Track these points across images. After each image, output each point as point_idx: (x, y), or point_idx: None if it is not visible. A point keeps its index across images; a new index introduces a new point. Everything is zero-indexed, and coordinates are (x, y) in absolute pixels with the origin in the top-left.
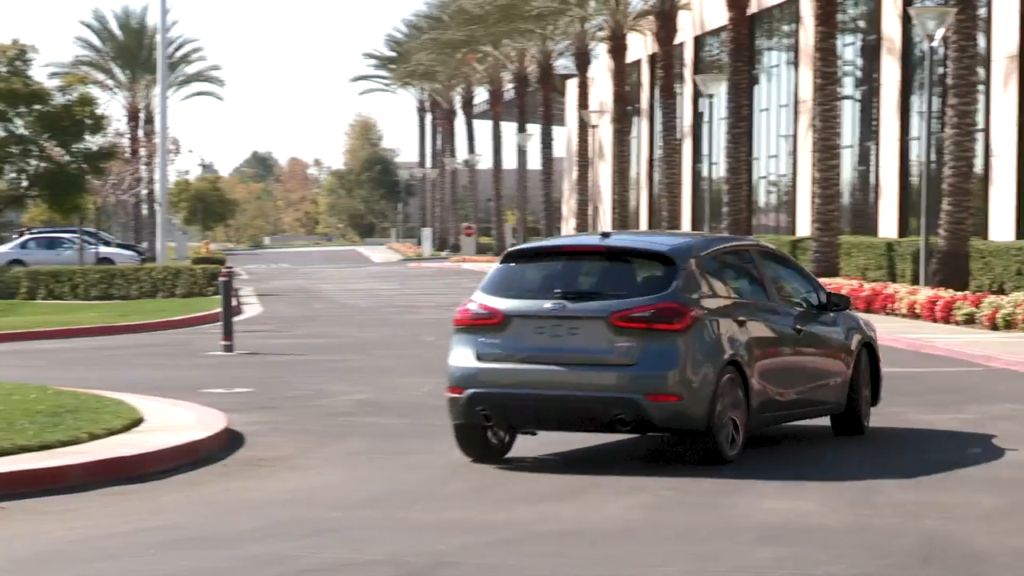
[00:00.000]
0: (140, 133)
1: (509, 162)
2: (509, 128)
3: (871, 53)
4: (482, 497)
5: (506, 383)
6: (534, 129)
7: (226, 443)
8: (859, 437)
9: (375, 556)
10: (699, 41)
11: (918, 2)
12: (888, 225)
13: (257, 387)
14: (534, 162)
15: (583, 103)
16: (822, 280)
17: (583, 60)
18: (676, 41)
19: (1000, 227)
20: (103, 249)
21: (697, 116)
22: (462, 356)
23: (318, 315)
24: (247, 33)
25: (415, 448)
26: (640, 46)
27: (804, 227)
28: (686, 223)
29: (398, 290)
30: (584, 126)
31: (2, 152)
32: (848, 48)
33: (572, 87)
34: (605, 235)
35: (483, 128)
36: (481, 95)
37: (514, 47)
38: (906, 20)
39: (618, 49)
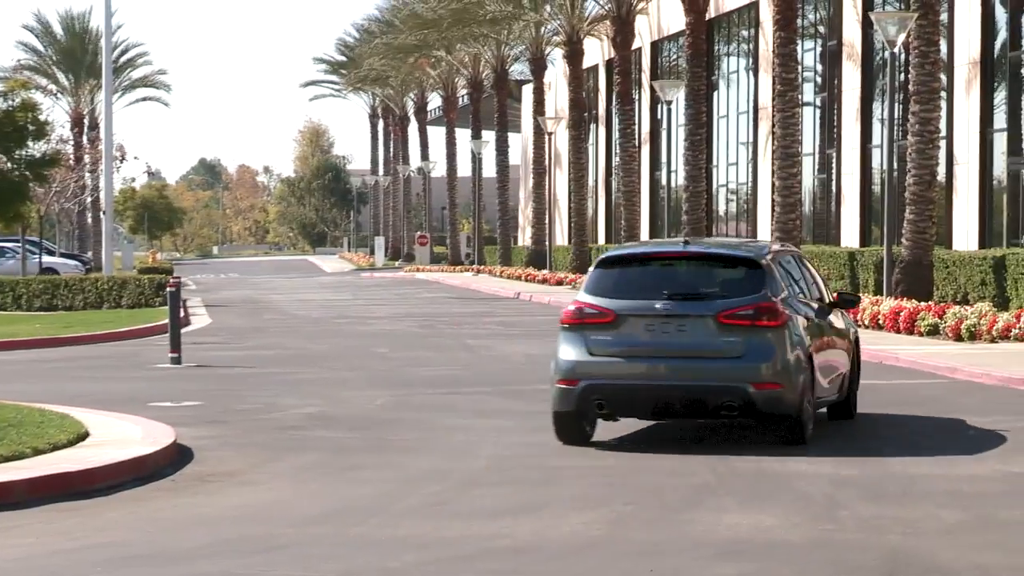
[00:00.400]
0: (84, 140)
1: (464, 169)
2: (464, 135)
3: (832, 59)
4: (438, 512)
5: (620, 375)
6: (489, 136)
7: (174, 458)
8: (820, 451)
9: (327, 573)
10: (657, 46)
11: (879, 7)
12: (850, 234)
13: (206, 400)
14: (489, 169)
15: (539, 109)
16: None
17: (539, 66)
18: (633, 46)
19: (963, 236)
20: (47, 259)
21: (655, 123)
22: (573, 351)
23: (268, 326)
24: (194, 37)
25: (368, 462)
26: (597, 51)
27: (765, 236)
28: (644, 232)
29: (350, 301)
30: (540, 133)
31: None
32: (808, 54)
33: (528, 93)
34: (687, 243)
35: (437, 135)
36: (435, 101)
37: (468, 52)
38: (867, 25)
39: (574, 54)
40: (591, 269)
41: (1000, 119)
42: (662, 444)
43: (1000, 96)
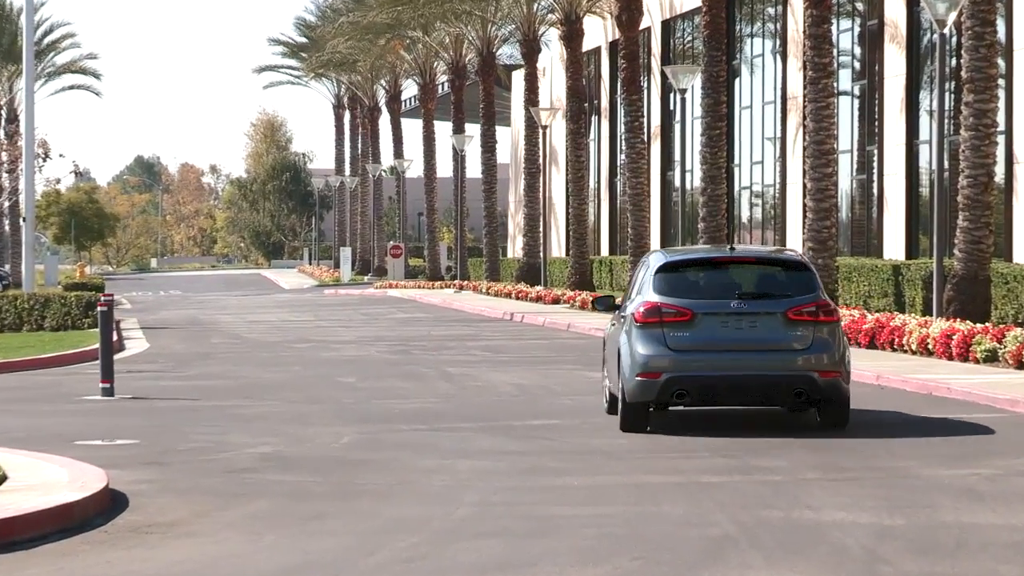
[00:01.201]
0: (2, 134)
1: (444, 169)
2: (444, 128)
3: (872, 41)
4: (412, 569)
5: (700, 367)
6: (474, 130)
7: (106, 505)
8: (857, 497)
9: None
10: (668, 26)
11: None
12: (894, 245)
13: (143, 438)
14: (474, 169)
15: (532, 99)
16: None
17: (531, 48)
18: (641, 26)
19: None
20: None
21: (667, 115)
22: (652, 347)
23: (216, 352)
24: (129, 17)
25: (331, 510)
26: (599, 31)
27: (795, 246)
28: (655, 241)
29: (311, 322)
30: (533, 126)
31: None
32: (845, 35)
33: (518, 80)
34: (732, 248)
35: (413, 128)
36: (410, 89)
37: (449, 32)
38: (912, 3)
39: (573, 35)
40: (652, 273)
41: None
42: (674, 489)
43: None
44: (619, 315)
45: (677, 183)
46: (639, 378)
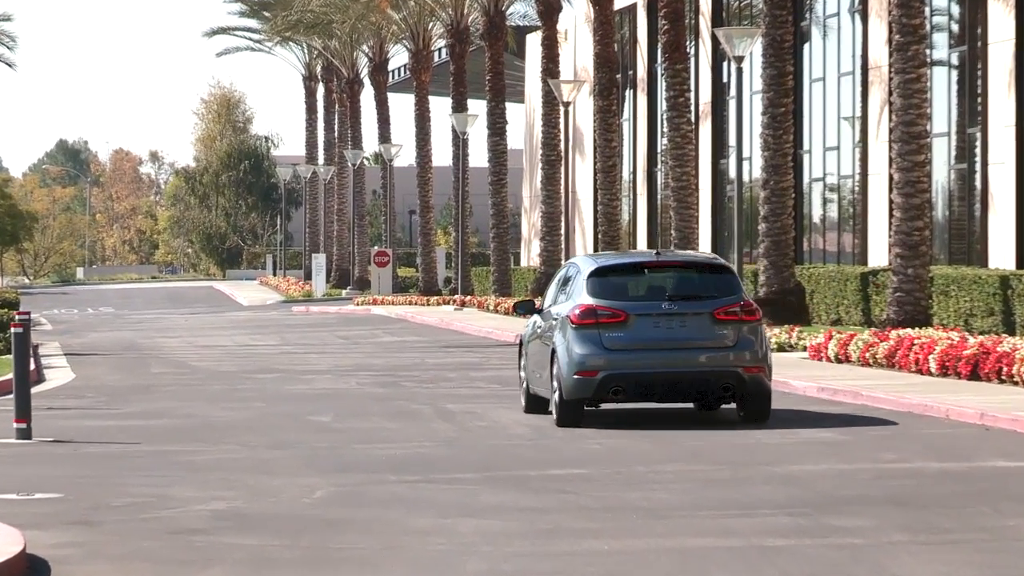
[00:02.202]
0: None
1: (442, 156)
2: (441, 105)
3: None
4: None
5: (634, 365)
6: (478, 108)
7: (23, 574)
8: (961, 571)
9: None
10: None
11: None
12: (1002, 251)
13: (68, 491)
14: (479, 156)
15: (551, 69)
16: (906, 332)
17: (550, 6)
18: None
19: None
20: None
21: (719, 89)
22: (588, 347)
23: (158, 384)
24: None
25: None
26: None
27: (879, 254)
28: (704, 245)
29: (277, 347)
30: (553, 103)
31: None
32: None
33: (534, 45)
34: (659, 254)
35: (403, 105)
36: (399, 57)
37: None
38: None
39: None
40: (585, 278)
41: None
42: (727, 556)
43: None
44: (545, 318)
45: (731, 173)
46: (577, 376)
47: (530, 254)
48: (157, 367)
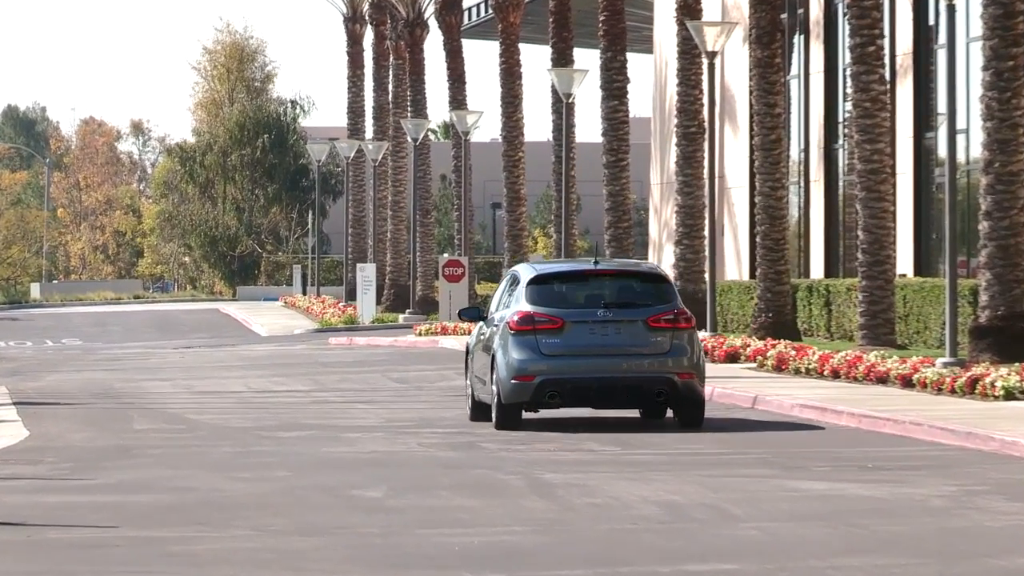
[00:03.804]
0: None
1: (537, 129)
2: (536, 56)
3: None
4: None
5: (570, 371)
6: (588, 60)
7: None
8: None
9: None
10: None
11: None
12: None
13: None
14: (589, 129)
15: (690, 6)
16: None
17: None
18: None
19: None
20: None
21: (923, 36)
22: (525, 352)
23: (142, 445)
24: None
25: None
26: None
27: None
28: (904, 253)
29: (308, 394)
30: (693, 55)
31: None
32: None
33: None
34: (596, 262)
35: (482, 57)
36: None
37: None
38: None
39: None
40: (525, 285)
41: None
42: None
43: None
44: (488, 324)
45: (941, 152)
46: (514, 381)
47: (660, 262)
48: (141, 422)
